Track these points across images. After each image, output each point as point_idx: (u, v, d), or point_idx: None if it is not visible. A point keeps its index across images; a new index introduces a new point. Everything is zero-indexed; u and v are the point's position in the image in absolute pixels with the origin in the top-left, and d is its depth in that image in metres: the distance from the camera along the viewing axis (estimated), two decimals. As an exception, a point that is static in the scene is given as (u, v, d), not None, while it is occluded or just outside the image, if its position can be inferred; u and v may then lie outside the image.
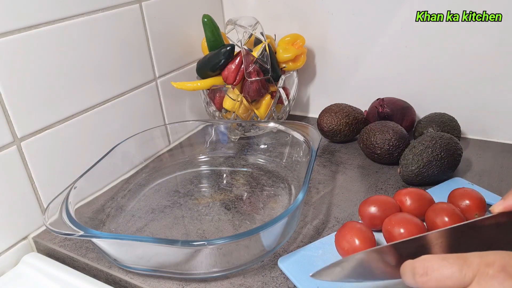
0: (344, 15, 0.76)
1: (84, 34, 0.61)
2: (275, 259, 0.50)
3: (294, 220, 0.51)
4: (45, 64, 0.57)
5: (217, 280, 0.48)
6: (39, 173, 0.58)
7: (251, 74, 0.71)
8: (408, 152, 0.60)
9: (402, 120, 0.72)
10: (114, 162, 0.65)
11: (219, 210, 0.60)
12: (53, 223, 0.47)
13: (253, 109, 0.75)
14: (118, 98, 0.69)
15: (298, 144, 0.66)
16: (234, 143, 0.78)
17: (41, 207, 0.60)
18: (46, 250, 0.57)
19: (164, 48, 0.75)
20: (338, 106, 0.75)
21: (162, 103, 0.77)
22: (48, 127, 0.59)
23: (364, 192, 0.61)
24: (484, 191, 0.57)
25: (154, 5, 0.71)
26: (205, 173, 0.71)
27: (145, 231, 0.57)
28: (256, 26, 0.70)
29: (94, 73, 0.64)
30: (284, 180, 0.66)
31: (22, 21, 0.53)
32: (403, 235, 0.46)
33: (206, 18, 0.72)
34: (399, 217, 0.48)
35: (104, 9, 0.63)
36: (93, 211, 0.61)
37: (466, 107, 0.72)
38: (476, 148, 0.70)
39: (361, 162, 0.69)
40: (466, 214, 0.49)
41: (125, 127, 0.70)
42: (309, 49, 0.82)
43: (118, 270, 0.50)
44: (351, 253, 0.46)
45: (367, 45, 0.76)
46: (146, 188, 0.67)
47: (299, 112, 0.90)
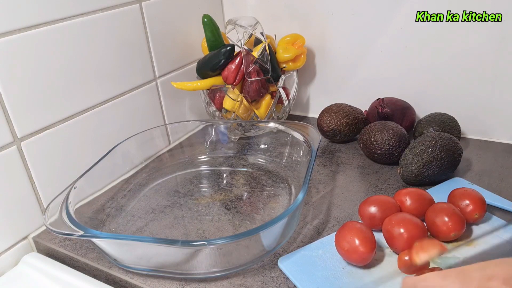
0: (344, 15, 0.76)
1: (84, 34, 0.61)
2: (275, 259, 0.50)
3: (294, 220, 0.51)
4: (45, 64, 0.56)
5: (217, 280, 0.48)
6: (39, 173, 0.58)
7: (251, 74, 0.71)
8: (408, 152, 0.60)
9: (402, 120, 0.72)
10: (114, 162, 0.65)
11: (219, 210, 0.60)
12: (53, 223, 0.47)
13: (253, 109, 0.75)
14: (118, 98, 0.69)
15: (298, 144, 0.66)
16: (234, 143, 0.78)
17: (41, 207, 0.59)
18: (46, 250, 0.57)
19: (164, 48, 0.75)
20: (338, 106, 0.75)
21: (162, 103, 0.77)
22: (48, 127, 0.59)
23: (364, 192, 0.61)
24: (484, 191, 0.57)
25: (154, 5, 0.71)
26: (205, 173, 0.71)
27: (145, 231, 0.57)
28: (256, 26, 0.70)
29: (94, 73, 0.64)
30: (284, 180, 0.66)
31: (22, 21, 0.53)
32: (403, 235, 0.46)
33: (206, 18, 0.72)
34: (399, 217, 0.48)
35: (104, 9, 0.63)
36: (93, 211, 0.61)
37: (466, 107, 0.72)
38: (476, 148, 0.70)
39: (361, 162, 0.69)
40: (466, 214, 0.49)
41: (125, 127, 0.70)
42: (309, 49, 0.82)
43: (118, 270, 0.50)
44: (351, 253, 0.46)
45: (367, 45, 0.76)
46: (146, 188, 0.67)
47: (299, 112, 0.90)
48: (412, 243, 0.44)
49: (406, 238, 0.45)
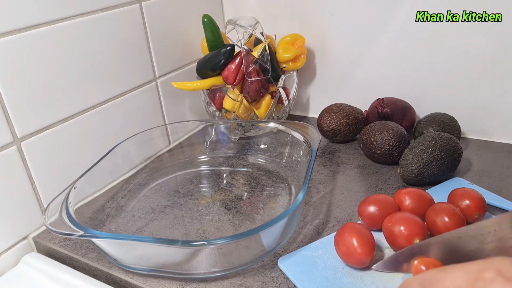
0: (344, 15, 0.76)
1: (84, 34, 0.61)
2: (275, 259, 0.50)
3: (294, 220, 0.51)
4: (45, 64, 0.57)
5: (217, 280, 0.48)
6: (39, 173, 0.58)
7: (251, 74, 0.71)
8: (408, 152, 0.60)
9: (402, 120, 0.72)
10: (114, 162, 0.65)
11: (219, 210, 0.60)
12: (53, 223, 0.47)
13: (253, 109, 0.75)
14: (118, 98, 0.69)
15: (298, 144, 0.66)
16: (234, 143, 0.78)
17: (41, 207, 0.59)
18: (46, 250, 0.57)
19: (164, 48, 0.75)
20: (338, 106, 0.75)
21: (162, 103, 0.77)
22: (48, 127, 0.59)
23: (364, 192, 0.61)
24: (484, 191, 0.57)
25: (154, 5, 0.71)
26: (205, 173, 0.71)
27: (145, 231, 0.57)
28: (256, 26, 0.70)
29: (94, 73, 0.64)
30: (284, 180, 0.66)
31: (22, 21, 0.53)
32: (404, 234, 0.46)
33: (206, 18, 0.72)
34: (400, 215, 0.48)
35: (104, 9, 0.63)
36: (93, 211, 0.61)
37: (466, 107, 0.72)
38: (476, 148, 0.70)
39: (361, 162, 0.69)
40: (466, 214, 0.49)
41: (125, 127, 0.70)
42: (309, 49, 0.82)
43: (118, 270, 0.50)
44: (349, 256, 0.46)
45: (367, 45, 0.76)
46: (146, 188, 0.67)
47: (299, 112, 0.90)
48: (412, 241, 0.45)
49: (406, 236, 0.45)
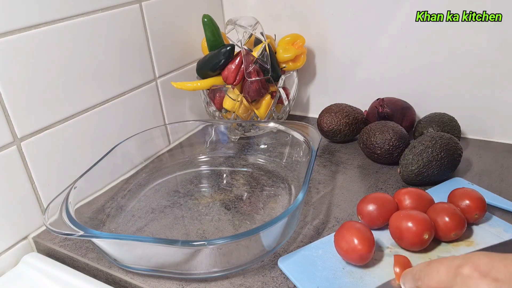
0: (344, 15, 0.76)
1: (84, 34, 0.61)
2: (275, 259, 0.50)
3: (294, 220, 0.51)
4: (45, 64, 0.56)
5: (217, 280, 0.48)
6: (39, 173, 0.58)
7: (251, 74, 0.71)
8: (408, 152, 0.60)
9: (402, 120, 0.72)
10: (114, 162, 0.65)
11: (219, 210, 0.60)
12: (53, 223, 0.47)
13: (253, 109, 0.75)
14: (118, 98, 0.69)
15: (298, 144, 0.66)
16: (234, 143, 0.78)
17: (41, 207, 0.59)
18: (46, 250, 0.57)
19: (164, 48, 0.75)
20: (338, 106, 0.75)
21: (162, 103, 0.77)
22: (48, 127, 0.59)
23: (364, 192, 0.61)
24: (484, 191, 0.57)
25: (154, 5, 0.71)
26: (205, 173, 0.71)
27: (145, 231, 0.57)
28: (256, 26, 0.70)
29: (94, 73, 0.64)
30: (284, 180, 0.66)
31: (22, 21, 0.53)
32: (412, 230, 0.46)
33: (206, 18, 0.72)
34: (407, 212, 0.48)
35: (104, 9, 0.63)
36: (93, 211, 0.61)
37: (466, 107, 0.72)
38: (476, 148, 0.70)
39: (361, 162, 0.69)
40: (466, 214, 0.49)
41: (125, 127, 0.70)
42: (309, 49, 0.82)
43: (118, 270, 0.50)
44: (350, 252, 0.46)
45: (367, 45, 0.76)
46: (146, 188, 0.67)
47: (299, 112, 0.90)
48: (421, 236, 0.45)
49: (415, 232, 0.46)
